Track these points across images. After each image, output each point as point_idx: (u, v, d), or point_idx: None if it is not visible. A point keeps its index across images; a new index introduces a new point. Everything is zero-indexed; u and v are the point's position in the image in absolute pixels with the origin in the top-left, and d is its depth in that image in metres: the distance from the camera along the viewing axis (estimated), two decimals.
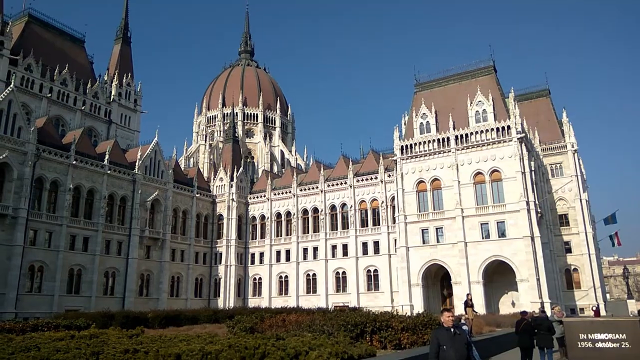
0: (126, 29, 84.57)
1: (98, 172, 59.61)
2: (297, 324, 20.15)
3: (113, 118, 76.45)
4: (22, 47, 65.70)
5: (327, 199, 70.90)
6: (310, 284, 69.96)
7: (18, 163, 51.04)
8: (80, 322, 24.35)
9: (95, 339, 17.34)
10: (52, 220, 53.84)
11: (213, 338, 16.32)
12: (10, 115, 51.84)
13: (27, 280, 50.68)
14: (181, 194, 71.30)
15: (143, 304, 57.73)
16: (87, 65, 77.77)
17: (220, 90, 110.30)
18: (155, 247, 65.39)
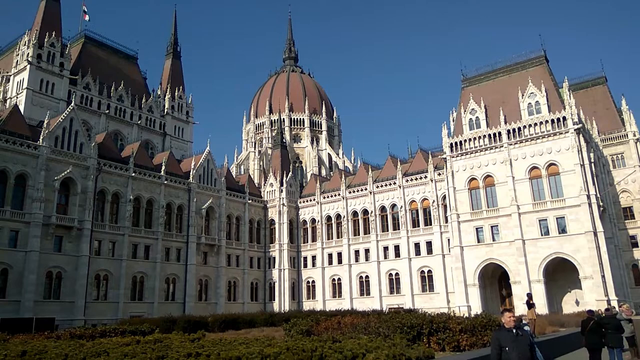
0: (176, 44, 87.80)
1: (156, 183, 62.14)
2: (353, 327, 20.18)
3: (167, 130, 79.47)
4: (80, 67, 69.59)
5: (377, 200, 70.48)
6: (364, 286, 69.72)
7: (81, 177, 54.01)
8: (145, 327, 25.41)
9: (159, 344, 18.07)
10: (114, 230, 56.59)
11: (271, 341, 16.62)
12: (72, 132, 54.96)
13: (93, 288, 53.45)
14: (234, 201, 73.06)
15: (202, 309, 59.62)
16: (140, 81, 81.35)
17: (266, 97, 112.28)
18: (211, 253, 67.33)
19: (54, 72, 64.85)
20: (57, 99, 64.29)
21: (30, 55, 62.92)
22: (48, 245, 49.66)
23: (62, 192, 52.48)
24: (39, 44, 63.87)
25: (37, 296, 47.43)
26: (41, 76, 63.54)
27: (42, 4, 68.71)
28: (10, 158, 48.57)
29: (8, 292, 46.09)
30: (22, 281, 46.76)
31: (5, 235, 46.87)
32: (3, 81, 67.44)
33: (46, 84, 64.00)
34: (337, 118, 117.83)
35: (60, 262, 50.44)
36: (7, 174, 48.24)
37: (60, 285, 50.28)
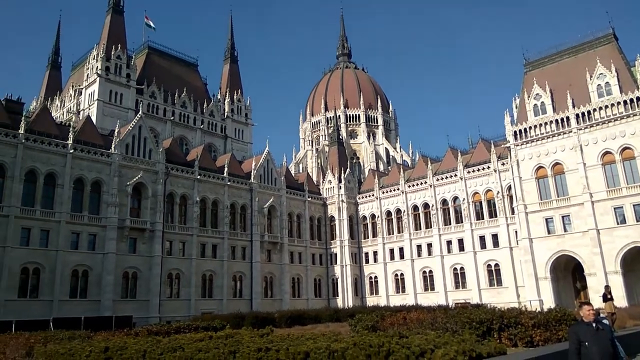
0: (232, 48, 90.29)
1: (220, 184, 64.38)
2: (419, 322, 20.01)
3: (228, 133, 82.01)
4: (146, 76, 73.28)
5: (438, 194, 69.08)
6: (427, 281, 68.64)
7: (151, 182, 56.94)
8: (216, 323, 26.46)
9: (230, 339, 18.75)
10: (183, 231, 59.22)
11: (337, 336, 16.80)
12: (142, 140, 58.04)
13: (166, 287, 56.23)
14: (294, 199, 74.24)
15: (269, 305, 61.22)
16: (201, 87, 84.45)
17: (321, 95, 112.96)
18: (275, 251, 68.86)
19: (122, 83, 68.73)
20: (125, 109, 68.09)
21: (99, 68, 66.98)
22: (123, 247, 52.79)
23: (135, 197, 55.57)
24: (106, 57, 67.87)
25: (115, 295, 50.57)
26: (110, 87, 67.53)
27: (108, 19, 72.91)
28: (86, 166, 52.03)
29: (89, 292, 49.48)
30: (101, 282, 50.05)
31: (85, 239, 50.31)
32: (76, 94, 72.22)
33: (115, 94, 67.95)
34: (393, 112, 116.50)
35: (135, 262, 53.49)
36: (84, 181, 51.70)
37: (135, 285, 53.35)
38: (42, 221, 47.67)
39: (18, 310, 42.90)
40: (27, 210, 46.92)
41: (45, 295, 46.31)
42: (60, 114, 73.17)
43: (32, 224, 46.96)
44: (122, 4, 74.14)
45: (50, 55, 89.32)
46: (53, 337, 22.19)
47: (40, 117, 52.67)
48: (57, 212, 48.72)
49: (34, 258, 46.33)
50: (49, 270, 46.84)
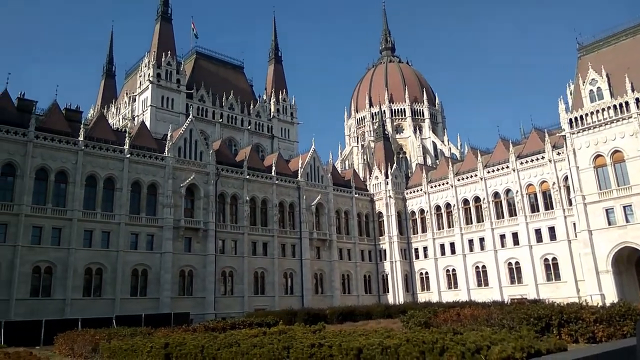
0: (276, 49, 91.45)
1: (268, 183, 65.54)
2: (473, 318, 19.67)
3: (274, 133, 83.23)
4: (194, 81, 75.58)
5: (489, 186, 67.23)
6: (481, 276, 67.01)
7: (203, 182, 58.72)
8: (270, 319, 27.01)
9: (284, 335, 19.11)
10: (235, 230, 60.73)
11: (390, 332, 16.77)
12: (193, 142, 59.95)
13: (221, 284, 57.87)
14: (341, 196, 74.42)
15: (319, 301, 61.80)
16: (247, 89, 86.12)
17: (366, 91, 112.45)
18: (323, 248, 69.33)
19: (172, 88, 71.24)
20: (176, 113, 70.52)
21: (151, 75, 69.68)
22: (179, 246, 54.78)
23: (188, 197, 57.52)
24: (157, 64, 70.56)
25: (173, 293, 52.58)
26: (162, 93, 70.15)
27: (157, 27, 75.65)
28: (142, 170, 54.32)
29: (148, 290, 51.68)
30: (160, 280, 52.15)
31: (143, 239, 52.57)
32: (130, 101, 75.49)
33: (166, 100, 70.56)
34: (439, 104, 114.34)
35: (190, 261, 55.38)
36: (140, 184, 53.99)
37: (192, 283, 55.23)
38: (103, 223, 50.19)
39: (83, 309, 45.47)
40: (89, 214, 49.53)
41: (108, 294, 48.77)
42: (116, 120, 76.69)
43: (93, 227, 49.53)
44: (170, 12, 76.77)
45: (104, 65, 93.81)
46: (116, 334, 23.32)
47: (97, 125, 55.43)
48: (117, 214, 51.16)
49: (96, 259, 48.88)
50: (110, 270, 49.30)
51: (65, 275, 46.24)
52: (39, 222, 46.28)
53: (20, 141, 46.76)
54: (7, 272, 43.27)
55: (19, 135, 46.83)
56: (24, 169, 46.27)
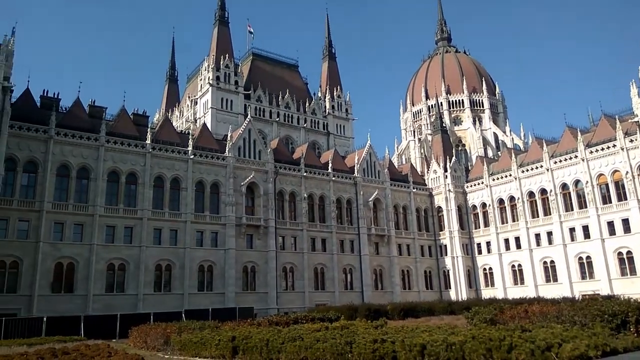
0: (330, 46, 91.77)
1: (325, 180, 66.09)
2: (542, 315, 18.99)
3: (330, 129, 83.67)
4: (252, 82, 77.40)
5: (556, 178, 64.12)
6: (549, 271, 64.14)
7: (262, 181, 60.13)
8: (331, 314, 27.36)
9: (346, 330, 19.33)
10: (294, 226, 61.75)
11: (454, 329, 16.56)
12: (251, 142, 61.49)
13: (282, 280, 59.07)
14: (398, 191, 73.67)
15: (379, 297, 61.72)
16: (302, 87, 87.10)
17: (421, 83, 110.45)
18: (382, 244, 68.99)
19: (231, 90, 73.44)
20: (235, 114, 72.61)
21: (210, 78, 72.11)
22: (242, 243, 56.45)
23: (248, 196, 59.11)
24: (216, 67, 72.95)
25: (237, 288, 54.27)
26: (221, 95, 72.48)
27: (215, 31, 78.08)
28: (205, 170, 56.39)
29: (214, 286, 53.63)
30: (224, 275, 53.99)
31: (208, 236, 54.58)
32: (192, 104, 78.48)
33: (225, 101, 72.84)
34: (499, 94, 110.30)
35: (252, 257, 56.93)
36: (204, 183, 56.06)
37: (254, 278, 56.76)
38: (170, 222, 52.59)
39: (154, 303, 47.92)
40: (157, 213, 52.04)
41: (177, 289, 51.09)
42: (180, 123, 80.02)
43: (162, 225, 52.02)
44: (226, 16, 79.01)
45: (167, 70, 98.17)
46: (186, 327, 24.45)
47: (163, 128, 58.10)
48: (183, 213, 53.44)
49: (165, 256, 51.30)
50: (179, 266, 51.63)
51: (137, 271, 48.90)
52: (112, 221, 49.20)
53: (93, 146, 49.85)
54: (84, 270, 46.35)
55: (92, 140, 49.92)
56: (97, 172, 49.33)
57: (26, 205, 45.08)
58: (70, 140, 48.68)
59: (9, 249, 43.09)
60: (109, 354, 18.43)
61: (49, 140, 47.27)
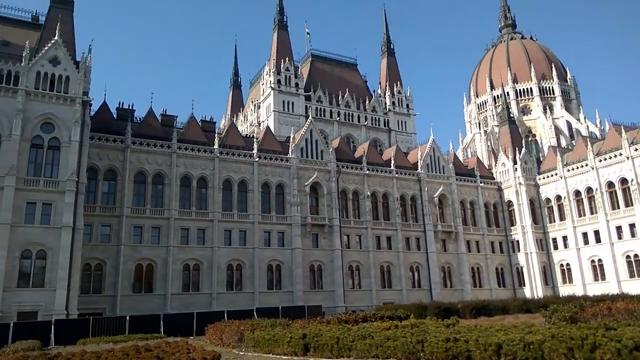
0: (388, 42, 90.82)
1: (388, 177, 65.63)
2: (628, 312, 17.86)
3: (391, 126, 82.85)
4: (311, 83, 78.28)
5: (637, 166, 59.73)
6: (633, 266, 59.89)
7: (325, 180, 60.74)
8: (400, 313, 27.16)
9: (416, 328, 19.13)
10: (358, 224, 61.82)
11: (531, 328, 15.97)
12: (313, 142, 62.29)
13: (348, 278, 59.36)
14: (465, 186, 71.67)
15: (449, 295, 60.42)
16: (362, 85, 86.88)
17: (485, 73, 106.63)
18: (449, 240, 67.41)
19: (292, 92, 74.75)
20: (297, 115, 73.79)
21: (272, 82, 73.77)
22: (307, 242, 57.35)
23: (312, 195, 59.95)
24: (277, 71, 74.53)
25: (304, 287, 55.23)
26: (282, 98, 73.97)
27: (274, 36, 79.72)
28: (269, 172, 57.84)
29: (283, 284, 54.88)
30: (292, 274, 55.11)
31: (275, 236, 55.97)
32: (255, 108, 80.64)
33: (287, 104, 74.26)
34: (571, 79, 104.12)
35: (318, 256, 57.67)
36: (269, 185, 57.51)
37: (321, 277, 57.51)
38: (239, 223, 54.46)
39: (227, 302, 49.84)
40: (227, 215, 54.06)
41: (248, 287, 52.79)
42: (244, 127, 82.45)
43: (231, 226, 53.96)
44: (285, 20, 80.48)
45: (231, 77, 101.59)
46: (258, 325, 25.18)
47: (229, 133, 60.22)
48: (251, 214, 55.14)
49: (236, 256, 53.18)
50: (248, 266, 53.34)
51: (211, 271, 51.06)
52: (186, 224, 51.71)
53: (166, 153, 52.67)
54: (162, 270, 49.06)
55: (165, 147, 52.77)
56: (170, 177, 52.05)
57: (107, 211, 48.47)
58: (146, 148, 51.74)
59: (94, 252, 46.41)
60: (188, 350, 19.38)
61: (126, 150, 50.53)
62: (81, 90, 44.19)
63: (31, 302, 38.18)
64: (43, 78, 43.22)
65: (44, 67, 43.50)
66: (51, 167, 41.99)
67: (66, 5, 49.83)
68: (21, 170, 40.23)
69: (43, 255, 39.44)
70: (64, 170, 41.64)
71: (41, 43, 45.67)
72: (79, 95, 43.84)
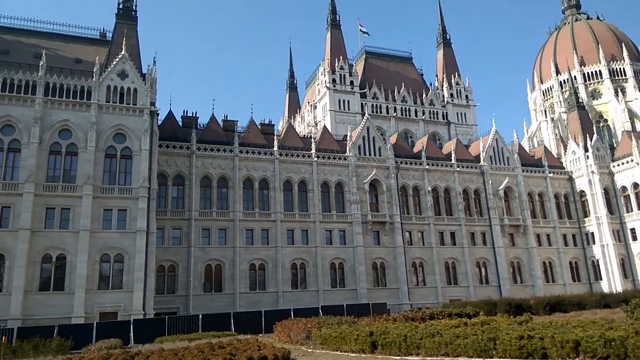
0: (444, 32, 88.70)
1: (449, 171, 64.23)
2: None
3: (450, 119, 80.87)
4: (366, 80, 77.96)
5: None
6: None
7: (384, 177, 60.36)
8: (469, 310, 26.53)
9: (487, 326, 18.66)
10: (420, 221, 60.95)
11: (611, 324, 15.22)
12: (370, 139, 62.06)
13: (412, 275, 58.67)
14: (532, 177, 68.75)
15: (519, 291, 58.39)
16: (418, 78, 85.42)
17: (549, 58, 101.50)
18: (518, 234, 64.90)
19: (347, 91, 74.81)
20: (353, 113, 73.75)
21: (327, 81, 74.19)
22: (369, 240, 57.30)
23: (372, 193, 59.78)
24: (331, 70, 74.89)
25: (368, 284, 55.24)
26: (338, 97, 74.18)
27: (328, 35, 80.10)
28: (328, 171, 58.31)
29: (346, 282, 55.18)
30: (355, 272, 55.26)
31: (336, 235, 56.41)
32: (312, 109, 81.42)
33: (343, 102, 74.39)
34: None
35: (380, 253, 57.46)
36: (328, 184, 57.96)
37: (384, 274, 57.25)
38: (301, 222, 55.37)
39: (292, 300, 50.96)
40: (288, 215, 55.10)
41: (312, 286, 53.54)
42: (302, 128, 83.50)
43: (293, 226, 54.96)
44: (338, 19, 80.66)
45: (287, 79, 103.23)
46: (324, 322, 25.50)
47: (287, 134, 61.29)
48: (311, 213, 55.87)
49: (299, 255, 54.09)
50: (312, 265, 54.10)
51: (276, 270, 52.29)
52: (250, 225, 53.26)
53: (229, 157, 54.48)
54: (230, 270, 50.83)
55: (227, 152, 54.61)
56: (234, 180, 53.80)
57: (177, 215, 50.88)
58: (209, 153, 53.82)
59: (167, 254, 48.86)
60: (258, 347, 19.99)
61: (192, 155, 52.79)
62: (148, 101, 46.67)
63: (111, 303, 40.79)
64: (113, 91, 46.06)
65: (113, 80, 46.32)
66: (124, 175, 44.71)
67: (131, 21, 52.75)
68: (97, 179, 43.09)
69: (120, 259, 42.05)
70: (136, 178, 44.19)
71: (109, 58, 48.62)
72: (147, 106, 46.37)
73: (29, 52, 47.74)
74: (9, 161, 41.81)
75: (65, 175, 42.81)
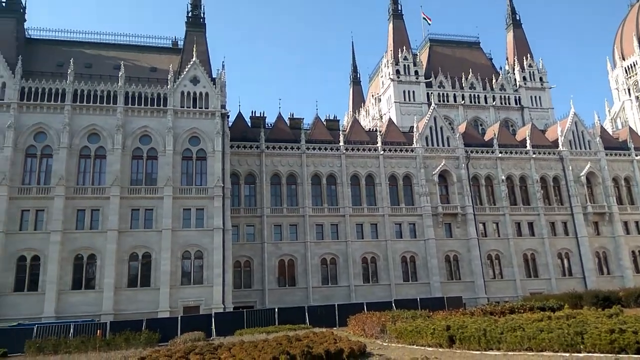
0: (513, 13, 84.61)
1: (524, 159, 61.35)
2: None
3: (523, 103, 77.13)
4: (431, 69, 76.09)
5: None
6: None
7: (454, 167, 58.72)
8: (552, 303, 25.43)
9: (573, 320, 17.81)
10: (494, 211, 58.74)
11: None
12: (438, 129, 60.56)
13: (488, 268, 56.70)
14: (617, 160, 64.07)
15: (606, 283, 54.86)
16: (487, 63, 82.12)
17: (631, 31, 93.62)
18: (603, 223, 60.77)
19: (412, 81, 73.53)
20: (418, 104, 72.38)
21: (391, 73, 73.29)
22: (440, 232, 56.09)
23: (441, 184, 58.39)
24: (395, 62, 73.89)
25: (441, 278, 54.15)
26: (402, 88, 73.07)
27: (390, 26, 79.06)
28: (395, 163, 57.69)
29: (418, 276, 54.42)
30: (427, 265, 54.38)
31: (406, 228, 55.73)
32: (376, 102, 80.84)
33: (407, 93, 73.22)
34: None
35: (453, 246, 56.07)
36: (396, 177, 57.35)
37: (458, 267, 55.83)
38: (369, 216, 55.26)
39: (364, 293, 51.13)
40: (357, 209, 55.18)
41: (383, 280, 53.35)
42: (367, 121, 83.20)
43: (362, 220, 54.99)
44: (399, 9, 79.40)
45: (350, 74, 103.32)
46: (399, 316, 25.40)
47: (352, 129, 61.31)
48: (380, 207, 55.57)
49: (369, 249, 54.08)
50: (382, 258, 53.91)
51: (347, 264, 52.65)
52: (319, 220, 53.96)
53: (296, 154, 55.49)
54: (302, 265, 51.85)
55: (295, 149, 55.63)
56: (302, 177, 54.72)
57: (250, 212, 52.65)
58: (278, 151, 55.15)
59: (242, 250, 50.71)
60: (334, 340, 20.30)
61: (262, 154, 54.36)
62: (219, 104, 48.61)
63: (193, 298, 43.03)
64: (187, 97, 48.45)
65: (186, 86, 48.67)
66: (200, 175, 46.94)
67: (200, 28, 55.16)
68: (176, 181, 45.53)
69: (200, 255, 44.21)
70: (211, 178, 46.26)
71: (182, 65, 51.10)
72: (218, 109, 48.35)
73: (109, 64, 51.14)
74: (97, 167, 45.16)
75: (147, 178, 45.64)
